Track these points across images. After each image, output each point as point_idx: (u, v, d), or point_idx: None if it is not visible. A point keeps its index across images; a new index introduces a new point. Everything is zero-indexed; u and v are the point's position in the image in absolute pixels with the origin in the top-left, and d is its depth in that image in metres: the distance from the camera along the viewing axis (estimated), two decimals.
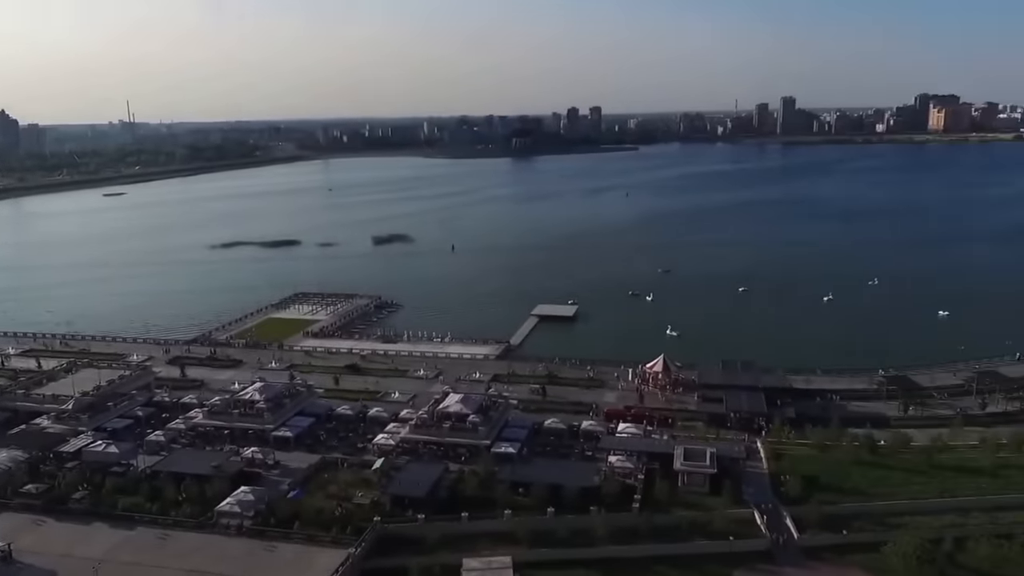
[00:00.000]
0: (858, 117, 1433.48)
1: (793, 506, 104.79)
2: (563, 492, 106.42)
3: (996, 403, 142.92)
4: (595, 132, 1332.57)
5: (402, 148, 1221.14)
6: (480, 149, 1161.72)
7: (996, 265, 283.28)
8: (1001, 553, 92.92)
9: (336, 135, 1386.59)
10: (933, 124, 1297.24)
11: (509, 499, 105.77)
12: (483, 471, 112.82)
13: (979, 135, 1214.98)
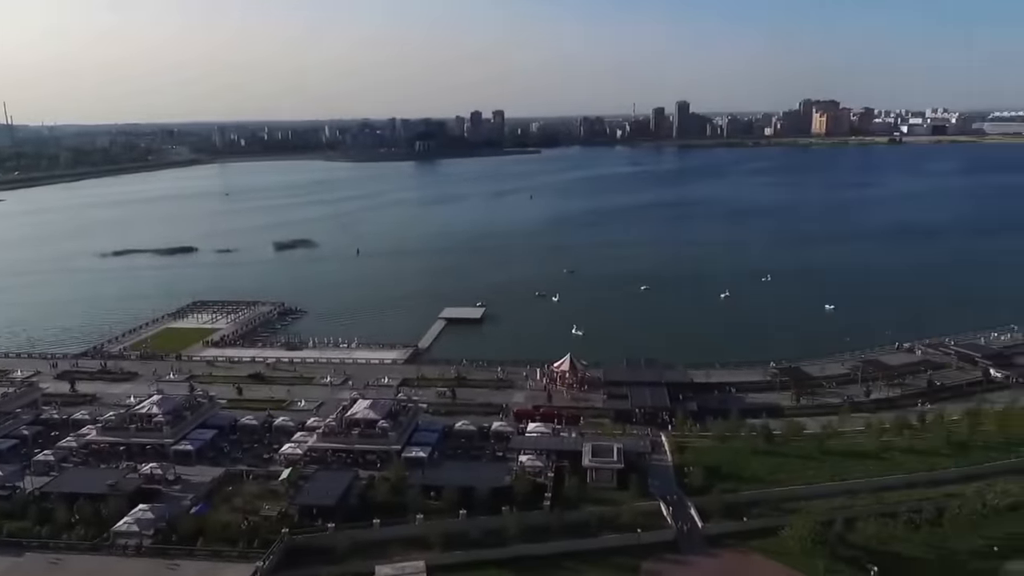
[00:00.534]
0: (748, 121, 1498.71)
1: (696, 496, 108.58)
2: (475, 494, 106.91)
3: (879, 390, 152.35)
4: (498, 135, 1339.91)
5: (303, 152, 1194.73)
6: (383, 152, 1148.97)
7: (876, 261, 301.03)
8: (887, 531, 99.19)
9: (233, 138, 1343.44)
10: (816, 128, 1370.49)
11: (421, 503, 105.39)
12: (394, 476, 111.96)
13: (858, 138, 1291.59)
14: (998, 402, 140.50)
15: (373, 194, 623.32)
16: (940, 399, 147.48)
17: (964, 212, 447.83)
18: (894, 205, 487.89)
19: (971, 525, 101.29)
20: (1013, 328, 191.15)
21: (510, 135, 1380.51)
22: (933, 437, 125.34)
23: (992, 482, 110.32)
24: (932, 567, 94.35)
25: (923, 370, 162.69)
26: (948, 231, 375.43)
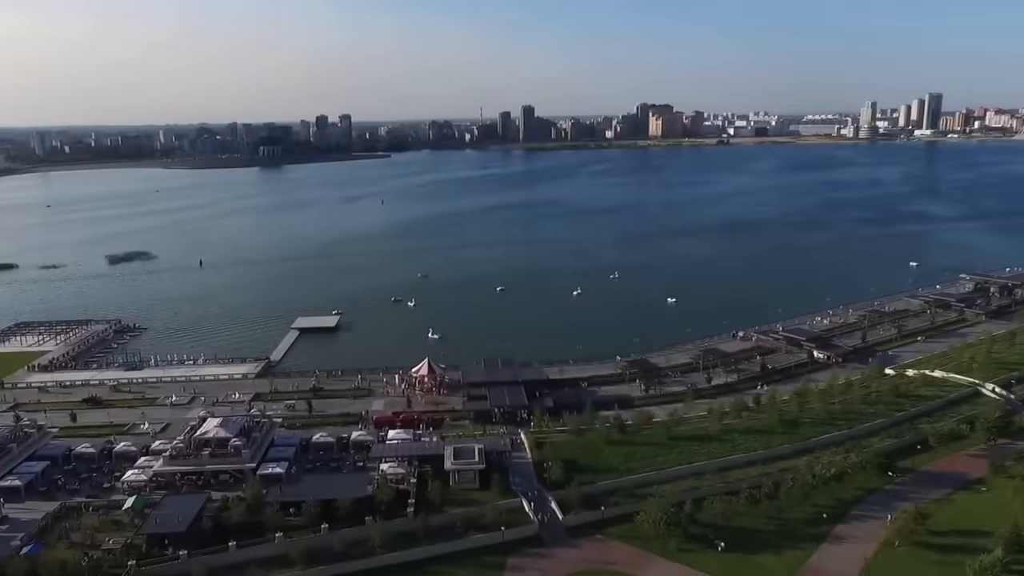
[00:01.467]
0: (590, 124, 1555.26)
1: (556, 490, 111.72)
2: (337, 506, 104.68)
3: (719, 376, 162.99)
4: (346, 140, 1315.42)
5: (137, 159, 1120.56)
6: (225, 159, 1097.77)
7: (710, 254, 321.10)
8: (732, 507, 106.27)
9: (56, 145, 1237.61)
10: (653, 130, 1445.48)
11: (280, 521, 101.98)
12: (250, 496, 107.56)
13: (690, 140, 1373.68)
14: (821, 381, 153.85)
15: (216, 202, 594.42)
16: (772, 381, 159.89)
17: (785, 206, 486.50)
18: (724, 202, 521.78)
19: (803, 495, 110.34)
20: (829, 313, 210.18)
21: (358, 139, 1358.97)
22: (767, 417, 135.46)
23: (819, 454, 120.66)
24: (771, 537, 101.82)
25: (756, 355, 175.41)
26: (772, 224, 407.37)
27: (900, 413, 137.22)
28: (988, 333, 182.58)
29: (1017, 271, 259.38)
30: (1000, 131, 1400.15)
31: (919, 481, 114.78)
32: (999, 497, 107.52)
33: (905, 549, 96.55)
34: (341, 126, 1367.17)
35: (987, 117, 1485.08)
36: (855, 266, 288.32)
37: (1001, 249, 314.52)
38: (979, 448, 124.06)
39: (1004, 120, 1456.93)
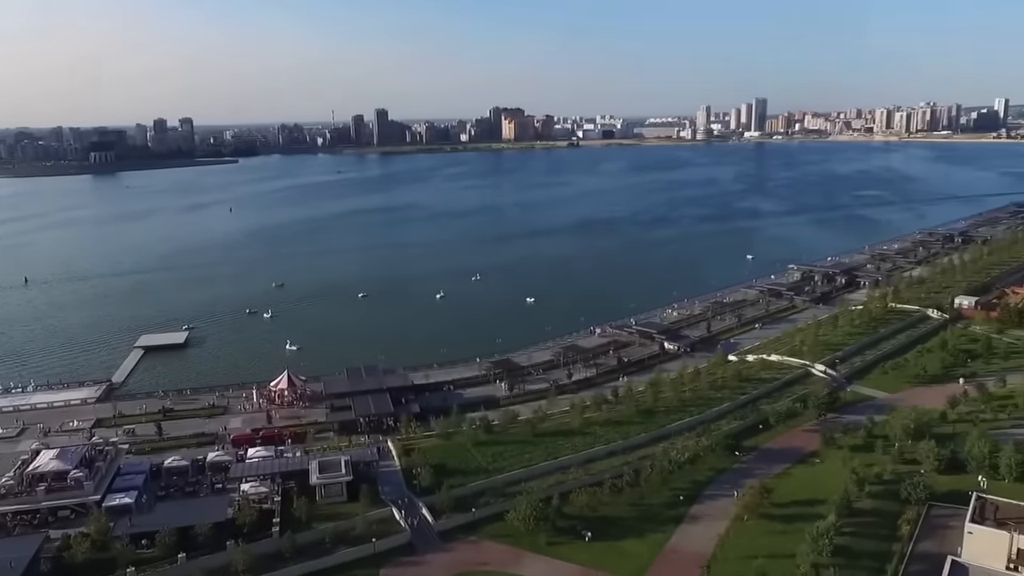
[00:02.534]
0: (444, 127, 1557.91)
1: (427, 496, 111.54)
2: (194, 533, 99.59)
3: (579, 372, 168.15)
4: (188, 144, 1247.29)
5: None
6: (50, 166, 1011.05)
7: (566, 254, 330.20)
8: (596, 498, 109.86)
9: None
10: (506, 133, 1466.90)
11: (131, 555, 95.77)
12: (95, 531, 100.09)
13: (542, 143, 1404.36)
14: (672, 371, 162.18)
15: (40, 213, 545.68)
16: (628, 373, 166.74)
17: (633, 205, 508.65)
18: (577, 202, 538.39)
19: (662, 480, 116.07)
20: (675, 305, 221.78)
21: (202, 144, 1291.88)
22: (625, 408, 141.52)
23: (674, 440, 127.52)
24: (634, 522, 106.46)
25: (612, 349, 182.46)
26: (622, 223, 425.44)
27: (743, 396, 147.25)
28: (815, 318, 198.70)
29: (837, 260, 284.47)
30: (817, 132, 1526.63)
31: (762, 458, 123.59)
32: (830, 467, 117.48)
33: (753, 523, 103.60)
34: (182, 130, 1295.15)
35: (805, 120, 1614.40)
36: (698, 260, 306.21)
37: (822, 240, 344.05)
38: (812, 424, 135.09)
39: (820, 123, 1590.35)
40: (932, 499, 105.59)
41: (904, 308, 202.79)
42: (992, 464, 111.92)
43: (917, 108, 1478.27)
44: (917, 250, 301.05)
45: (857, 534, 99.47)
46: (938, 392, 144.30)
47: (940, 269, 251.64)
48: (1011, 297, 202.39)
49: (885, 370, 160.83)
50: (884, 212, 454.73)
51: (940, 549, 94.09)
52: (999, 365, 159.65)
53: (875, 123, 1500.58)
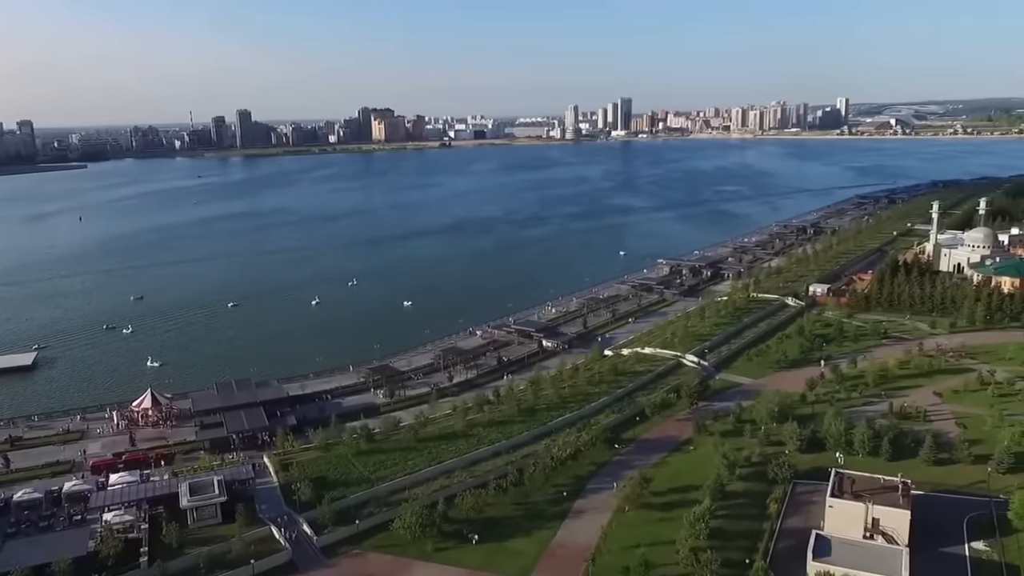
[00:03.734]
0: (312, 129, 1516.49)
1: (308, 511, 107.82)
2: (51, 571, 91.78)
3: (460, 374, 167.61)
4: (29, 149, 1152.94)
5: None
6: None
7: (442, 255, 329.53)
8: (482, 499, 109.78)
9: None
10: (376, 134, 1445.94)
11: None
12: None
13: (414, 144, 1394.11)
14: (552, 368, 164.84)
15: None
16: (509, 373, 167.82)
17: (507, 205, 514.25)
18: (451, 202, 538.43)
19: (545, 477, 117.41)
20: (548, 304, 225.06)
21: (45, 149, 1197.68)
22: (507, 408, 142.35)
23: (556, 437, 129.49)
24: (520, 521, 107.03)
25: (492, 349, 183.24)
26: (497, 222, 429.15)
27: (620, 390, 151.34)
28: (684, 310, 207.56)
29: (702, 253, 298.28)
30: (679, 131, 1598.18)
31: (640, 449, 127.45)
32: (703, 454, 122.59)
33: (633, 513, 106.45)
34: (21, 134, 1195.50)
35: (668, 119, 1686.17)
36: (572, 258, 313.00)
37: (688, 235, 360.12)
38: (685, 413, 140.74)
39: (682, 121, 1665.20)
40: (796, 477, 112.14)
41: (765, 297, 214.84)
42: (848, 441, 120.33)
43: (769, 107, 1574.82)
44: (774, 242, 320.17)
45: (730, 516, 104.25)
46: (798, 376, 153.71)
47: (795, 259, 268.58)
48: (858, 284, 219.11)
49: (750, 357, 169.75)
50: (743, 206, 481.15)
51: (805, 524, 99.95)
52: (850, 347, 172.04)
53: (732, 121, 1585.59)
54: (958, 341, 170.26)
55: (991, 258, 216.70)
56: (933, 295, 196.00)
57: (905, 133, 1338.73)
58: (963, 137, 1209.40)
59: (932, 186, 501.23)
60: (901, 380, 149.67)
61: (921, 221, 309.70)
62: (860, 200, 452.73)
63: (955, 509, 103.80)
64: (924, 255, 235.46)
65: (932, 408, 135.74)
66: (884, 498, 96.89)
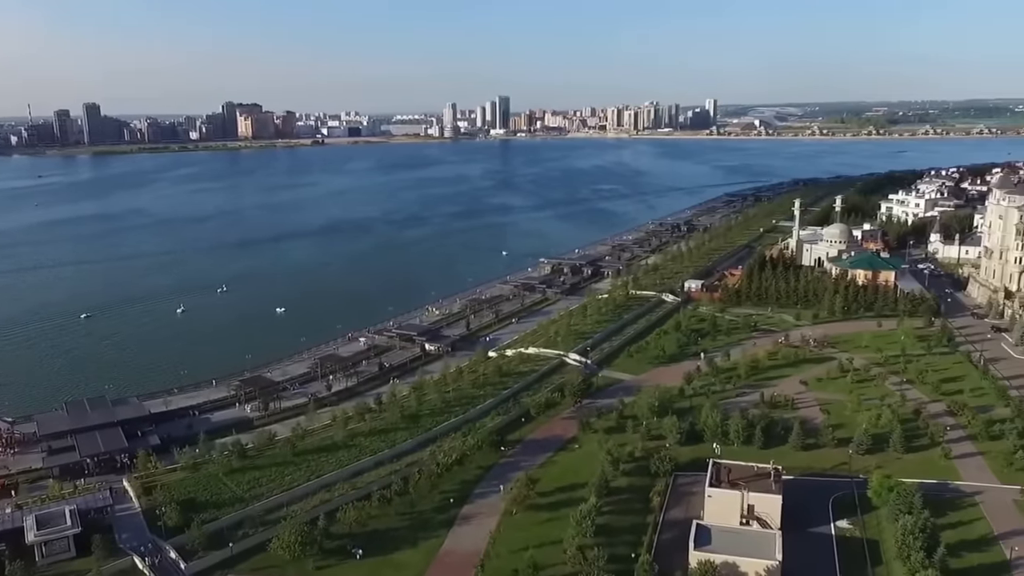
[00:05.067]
0: (171, 124, 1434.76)
1: (176, 537, 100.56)
2: None
3: (339, 382, 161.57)
4: None
5: None
6: None
7: (318, 258, 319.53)
8: (365, 512, 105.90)
9: None
10: (242, 131, 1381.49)
11: None
12: None
13: (284, 141, 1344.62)
14: (435, 372, 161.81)
15: None
16: (390, 379, 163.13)
17: (385, 205, 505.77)
18: (326, 203, 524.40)
19: (431, 485, 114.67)
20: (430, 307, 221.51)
21: None
22: (390, 415, 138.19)
23: (441, 443, 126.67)
24: (406, 532, 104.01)
25: (373, 355, 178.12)
26: (375, 223, 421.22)
27: (505, 391, 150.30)
28: (566, 309, 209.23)
29: (582, 252, 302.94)
30: (557, 130, 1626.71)
31: (527, 450, 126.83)
32: (588, 451, 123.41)
33: (521, 515, 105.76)
34: None
35: (546, 118, 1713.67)
36: (454, 258, 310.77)
37: (568, 233, 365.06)
38: (570, 411, 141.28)
39: (559, 121, 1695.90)
40: (677, 469, 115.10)
41: (643, 294, 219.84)
42: (724, 431, 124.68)
43: (643, 107, 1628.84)
44: (651, 239, 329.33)
45: (616, 511, 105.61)
46: (676, 370, 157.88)
47: (671, 256, 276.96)
48: (729, 279, 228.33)
49: (630, 353, 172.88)
50: (620, 204, 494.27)
51: (687, 514, 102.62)
52: (723, 340, 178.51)
53: (608, 121, 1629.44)
54: (820, 331, 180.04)
55: (847, 253, 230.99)
56: (797, 288, 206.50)
57: (768, 134, 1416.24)
58: (820, 138, 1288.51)
59: (794, 184, 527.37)
60: (770, 371, 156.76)
61: (785, 218, 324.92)
62: (729, 198, 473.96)
63: (822, 491, 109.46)
64: (788, 251, 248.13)
65: (799, 396, 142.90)
66: (758, 485, 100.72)
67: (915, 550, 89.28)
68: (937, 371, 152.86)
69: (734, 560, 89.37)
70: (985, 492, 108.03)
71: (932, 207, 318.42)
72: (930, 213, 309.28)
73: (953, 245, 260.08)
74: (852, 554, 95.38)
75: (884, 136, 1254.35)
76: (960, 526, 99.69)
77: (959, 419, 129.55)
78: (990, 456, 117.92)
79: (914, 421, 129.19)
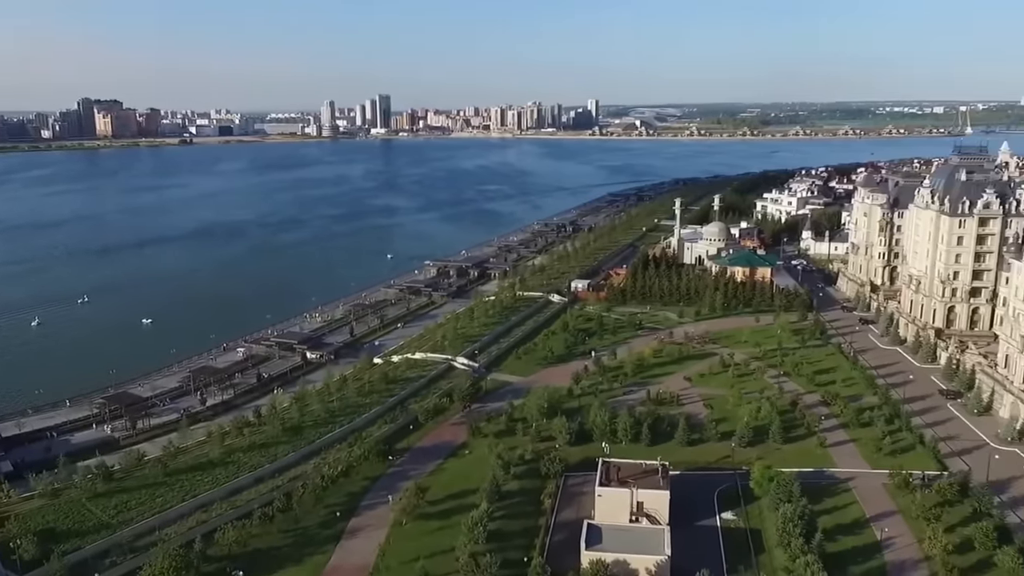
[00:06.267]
0: (20, 122, 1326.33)
1: (34, 571, 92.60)
2: None
3: (214, 396, 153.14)
4: None
5: None
6: None
7: (188, 265, 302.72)
8: (246, 531, 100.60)
9: None
10: (101, 129, 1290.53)
11: None
12: None
13: (148, 140, 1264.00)
14: (318, 381, 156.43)
15: None
16: (270, 390, 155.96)
17: (260, 207, 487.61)
18: (196, 206, 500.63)
19: (316, 499, 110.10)
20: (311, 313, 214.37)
21: None
22: (270, 428, 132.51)
23: (325, 455, 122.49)
24: (290, 550, 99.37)
25: (251, 366, 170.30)
26: (250, 226, 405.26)
27: (392, 398, 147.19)
28: (453, 312, 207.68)
29: (468, 253, 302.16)
30: (440, 130, 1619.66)
31: (415, 458, 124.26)
32: (478, 456, 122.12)
33: (411, 524, 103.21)
34: None
35: (429, 117, 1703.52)
36: (336, 262, 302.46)
37: (454, 235, 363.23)
38: (459, 416, 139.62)
39: (443, 120, 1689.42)
40: (568, 470, 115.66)
41: (530, 295, 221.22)
42: (612, 430, 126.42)
43: (526, 107, 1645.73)
44: (537, 240, 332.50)
45: (507, 516, 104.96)
46: (564, 370, 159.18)
47: (557, 256, 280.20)
48: (614, 278, 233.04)
49: (519, 355, 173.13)
50: (506, 205, 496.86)
51: (578, 515, 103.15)
52: (610, 339, 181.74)
53: (492, 121, 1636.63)
54: (703, 328, 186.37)
55: (726, 251, 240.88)
56: (680, 286, 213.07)
57: (649, 134, 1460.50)
58: (698, 138, 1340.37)
59: (675, 184, 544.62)
60: (656, 368, 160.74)
61: (666, 217, 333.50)
62: (612, 198, 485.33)
63: (707, 484, 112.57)
64: (670, 249, 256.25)
65: (683, 392, 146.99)
66: (646, 482, 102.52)
67: (795, 537, 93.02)
68: (811, 363, 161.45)
69: (624, 558, 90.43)
70: (857, 477, 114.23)
71: (803, 205, 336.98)
72: (802, 211, 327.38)
73: (823, 242, 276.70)
74: (737, 544, 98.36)
75: (758, 136, 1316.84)
76: (836, 511, 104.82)
77: (832, 409, 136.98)
78: (861, 443, 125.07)
79: (791, 412, 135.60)
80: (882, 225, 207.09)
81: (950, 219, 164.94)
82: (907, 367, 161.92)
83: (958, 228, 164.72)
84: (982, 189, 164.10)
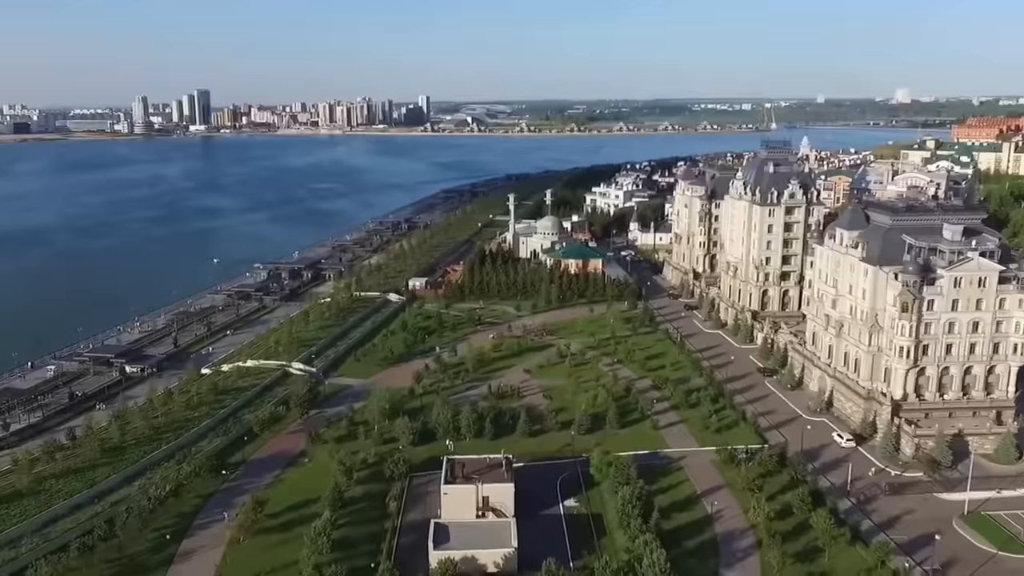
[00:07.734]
0: None
1: None
2: None
3: (19, 419, 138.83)
4: None
5: None
6: None
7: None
8: (62, 565, 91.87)
9: None
10: None
11: None
12: None
13: None
14: (140, 396, 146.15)
15: None
16: (86, 409, 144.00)
17: (66, 211, 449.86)
18: None
19: (142, 523, 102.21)
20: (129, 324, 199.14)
21: None
22: (87, 451, 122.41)
23: (151, 475, 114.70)
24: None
25: (62, 384, 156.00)
26: (54, 232, 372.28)
27: (223, 410, 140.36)
28: (287, 316, 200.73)
29: (301, 255, 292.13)
30: (265, 126, 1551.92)
31: (252, 471, 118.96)
32: (320, 464, 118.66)
33: (250, 541, 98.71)
34: None
35: (252, 113, 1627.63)
36: (155, 268, 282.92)
37: (285, 236, 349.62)
38: (297, 424, 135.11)
39: (268, 116, 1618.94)
40: (412, 471, 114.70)
41: (367, 295, 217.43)
42: (455, 427, 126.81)
43: (356, 103, 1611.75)
44: (372, 239, 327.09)
45: (352, 522, 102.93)
46: (406, 370, 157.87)
47: (394, 255, 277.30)
48: (452, 275, 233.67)
49: (358, 357, 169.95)
50: (338, 204, 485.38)
51: (425, 515, 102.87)
52: (450, 336, 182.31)
53: (320, 117, 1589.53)
54: (540, 320, 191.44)
55: (559, 244, 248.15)
56: (516, 280, 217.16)
57: (481, 130, 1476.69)
58: (528, 134, 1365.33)
59: (507, 179, 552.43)
60: (496, 362, 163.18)
61: (501, 212, 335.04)
62: (447, 194, 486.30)
63: (550, 474, 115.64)
64: (506, 244, 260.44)
65: (523, 384, 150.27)
66: (491, 476, 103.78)
67: (633, 517, 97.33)
68: (642, 349, 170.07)
69: (472, 554, 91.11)
70: (688, 456, 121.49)
71: (630, 198, 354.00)
72: (628, 204, 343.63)
73: (649, 233, 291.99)
74: (580, 529, 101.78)
75: (585, 132, 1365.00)
76: (670, 490, 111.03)
77: (663, 392, 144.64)
78: (690, 423, 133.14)
79: (626, 398, 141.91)
80: (701, 216, 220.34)
81: (761, 208, 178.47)
82: (728, 348, 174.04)
83: (768, 217, 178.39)
84: (787, 180, 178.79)
